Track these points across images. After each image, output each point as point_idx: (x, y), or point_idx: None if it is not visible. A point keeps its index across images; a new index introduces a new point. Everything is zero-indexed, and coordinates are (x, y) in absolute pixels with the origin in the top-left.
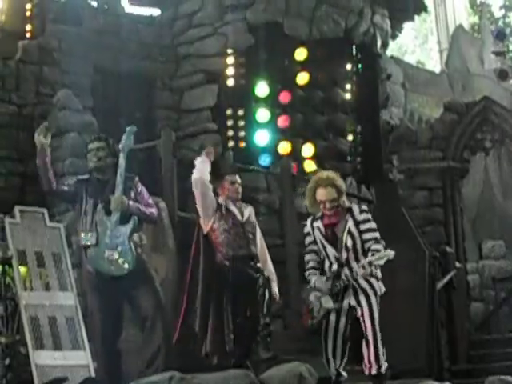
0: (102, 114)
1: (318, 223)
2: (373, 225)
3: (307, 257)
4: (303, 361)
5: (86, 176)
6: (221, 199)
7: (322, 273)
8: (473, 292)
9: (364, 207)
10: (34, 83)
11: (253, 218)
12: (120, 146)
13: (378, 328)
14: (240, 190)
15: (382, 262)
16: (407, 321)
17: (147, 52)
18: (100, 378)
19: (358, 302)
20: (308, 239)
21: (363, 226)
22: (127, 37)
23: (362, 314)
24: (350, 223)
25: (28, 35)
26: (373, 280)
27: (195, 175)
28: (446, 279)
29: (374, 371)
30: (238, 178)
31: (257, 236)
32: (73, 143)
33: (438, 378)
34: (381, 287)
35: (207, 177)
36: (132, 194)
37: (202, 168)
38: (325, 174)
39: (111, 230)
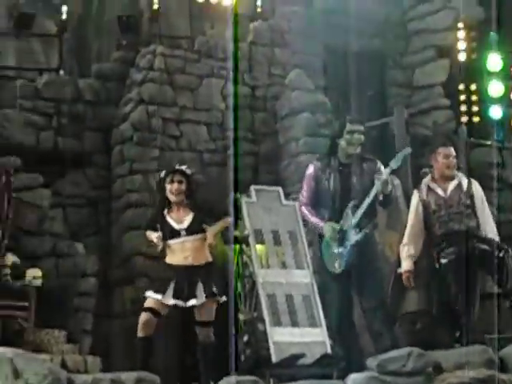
0: (333, 94)
1: None
2: None
3: None
4: None
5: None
6: (426, 179)
7: None
8: None
9: None
10: (266, 64)
11: (459, 193)
12: (391, 162)
13: None
14: (454, 164)
15: None
16: None
17: (377, 30)
18: (336, 355)
19: None
20: None
21: None
22: (356, 15)
23: None
24: None
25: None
26: None
27: None
28: None
29: None
30: (452, 151)
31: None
32: (306, 123)
33: None
34: None
35: None
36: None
37: None
38: None
39: (350, 229)
